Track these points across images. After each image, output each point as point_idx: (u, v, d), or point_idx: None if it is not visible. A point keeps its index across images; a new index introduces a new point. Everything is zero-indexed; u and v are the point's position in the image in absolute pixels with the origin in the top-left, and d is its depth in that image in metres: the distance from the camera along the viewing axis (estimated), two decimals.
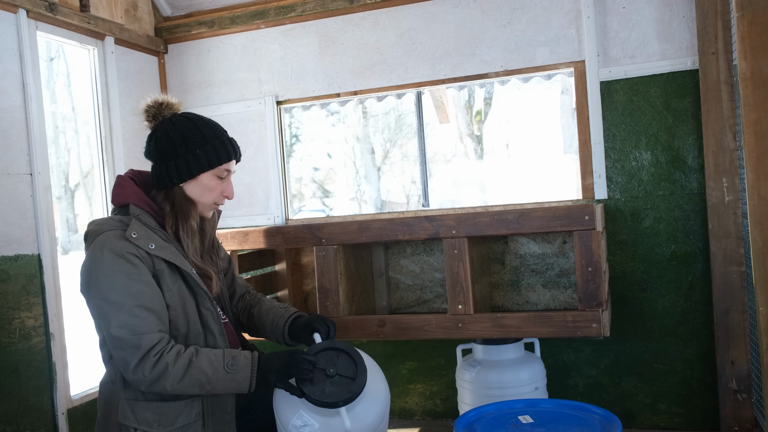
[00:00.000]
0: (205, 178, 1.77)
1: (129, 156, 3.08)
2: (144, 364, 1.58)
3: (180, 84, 3.38)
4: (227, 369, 1.64)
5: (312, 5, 3.09)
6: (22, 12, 2.55)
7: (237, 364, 1.66)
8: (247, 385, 1.66)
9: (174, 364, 1.60)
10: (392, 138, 7.07)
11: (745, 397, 2.57)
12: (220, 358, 1.65)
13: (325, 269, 2.35)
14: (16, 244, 2.48)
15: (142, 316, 1.61)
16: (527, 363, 2.49)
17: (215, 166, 1.77)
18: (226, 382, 1.64)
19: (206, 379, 1.62)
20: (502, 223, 2.17)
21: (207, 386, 1.64)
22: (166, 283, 1.69)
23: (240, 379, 1.65)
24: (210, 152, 1.76)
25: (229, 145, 1.81)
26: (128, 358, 1.59)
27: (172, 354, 1.62)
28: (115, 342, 1.60)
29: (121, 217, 1.73)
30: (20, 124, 2.55)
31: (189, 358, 1.63)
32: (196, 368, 1.62)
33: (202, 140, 1.76)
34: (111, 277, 1.61)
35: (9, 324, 2.43)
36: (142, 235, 1.67)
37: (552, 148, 6.37)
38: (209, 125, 1.80)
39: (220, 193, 1.81)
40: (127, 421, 1.66)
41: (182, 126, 1.77)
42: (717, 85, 2.55)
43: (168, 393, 1.63)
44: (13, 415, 2.42)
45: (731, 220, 2.56)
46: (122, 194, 1.76)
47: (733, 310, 2.57)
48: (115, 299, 1.60)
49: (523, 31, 2.85)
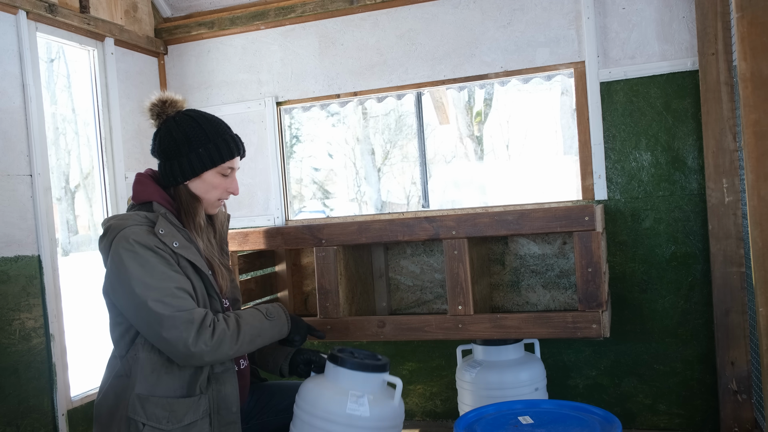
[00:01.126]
0: (209, 176, 1.79)
1: (129, 157, 3.08)
2: (202, 335, 1.61)
3: (180, 85, 3.38)
4: (268, 317, 1.80)
5: (312, 6, 3.09)
6: (21, 13, 2.55)
7: (273, 312, 1.82)
8: (287, 329, 1.86)
9: (228, 328, 1.68)
10: (392, 139, 7.07)
11: (745, 398, 2.57)
12: (257, 313, 1.79)
13: (325, 270, 2.35)
14: (16, 245, 2.48)
15: (184, 297, 1.64)
16: (527, 364, 2.48)
17: (218, 164, 1.79)
18: (271, 329, 1.79)
19: (257, 332, 1.75)
20: (502, 223, 2.17)
21: (258, 339, 1.76)
22: (191, 280, 1.72)
23: (281, 324, 1.83)
24: (212, 150, 1.77)
25: (232, 142, 1.82)
26: (184, 334, 1.59)
27: (221, 320, 1.69)
28: (166, 321, 1.60)
29: (146, 213, 1.74)
30: (20, 126, 2.55)
31: (236, 320, 1.72)
32: (247, 325, 1.73)
33: (205, 139, 1.77)
34: (146, 265, 1.62)
35: (9, 325, 2.43)
36: (168, 233, 1.70)
37: (552, 149, 6.37)
38: (212, 123, 1.82)
39: (224, 189, 1.84)
40: (136, 415, 1.66)
41: (185, 125, 1.78)
42: (717, 86, 2.55)
43: (226, 357, 1.69)
44: (13, 416, 2.42)
45: (731, 220, 2.56)
46: (145, 192, 1.78)
47: (733, 310, 2.57)
48: (156, 284, 1.61)
49: (523, 32, 2.85)
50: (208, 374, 1.73)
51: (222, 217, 1.97)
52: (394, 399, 1.81)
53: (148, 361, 1.70)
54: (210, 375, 1.74)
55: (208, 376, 1.73)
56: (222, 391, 1.74)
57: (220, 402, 1.75)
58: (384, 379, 1.83)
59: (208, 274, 1.76)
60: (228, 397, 1.75)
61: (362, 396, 1.74)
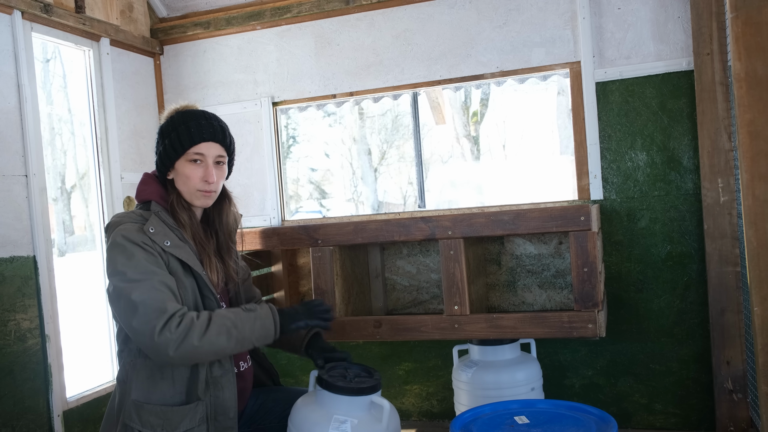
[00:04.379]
0: (179, 165, 1.77)
1: (125, 157, 3.08)
2: (170, 324, 1.58)
3: (176, 85, 3.38)
4: (246, 310, 1.71)
5: (308, 6, 3.09)
6: (17, 13, 2.55)
7: (254, 307, 1.73)
8: (272, 324, 1.73)
9: (197, 318, 1.62)
10: (389, 139, 7.07)
11: (740, 397, 2.58)
12: (237, 309, 1.72)
13: (321, 270, 2.35)
14: (11, 245, 2.47)
15: (164, 291, 1.62)
16: (523, 363, 2.49)
17: (181, 152, 1.75)
18: (250, 321, 1.69)
19: (231, 323, 1.65)
20: (498, 223, 2.17)
21: (234, 331, 1.65)
22: (180, 280, 1.71)
23: (263, 316, 1.72)
24: (174, 139, 1.76)
25: (195, 128, 1.75)
26: (154, 321, 1.57)
27: (193, 313, 1.64)
28: (139, 309, 1.58)
29: (142, 212, 1.77)
30: (15, 126, 2.54)
31: (209, 313, 1.66)
32: (218, 316, 1.66)
33: (171, 129, 1.78)
34: (132, 260, 1.64)
35: (4, 326, 2.43)
36: (159, 232, 1.70)
37: (548, 149, 6.38)
38: (184, 114, 1.79)
39: (200, 179, 1.77)
40: (132, 422, 1.66)
41: (164, 121, 1.82)
42: (712, 86, 2.56)
43: (194, 350, 1.59)
44: (8, 417, 2.41)
45: (726, 220, 2.57)
46: (145, 191, 1.81)
47: (729, 310, 2.58)
48: (138, 277, 1.62)
49: (519, 32, 2.86)
50: (206, 379, 1.71)
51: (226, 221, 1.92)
52: (382, 422, 1.73)
53: (144, 367, 1.69)
54: (208, 379, 1.71)
55: (206, 381, 1.70)
56: (220, 397, 1.72)
57: (217, 408, 1.73)
58: (372, 400, 1.75)
59: (202, 273, 1.74)
60: (226, 402, 1.73)
61: (345, 422, 1.69)
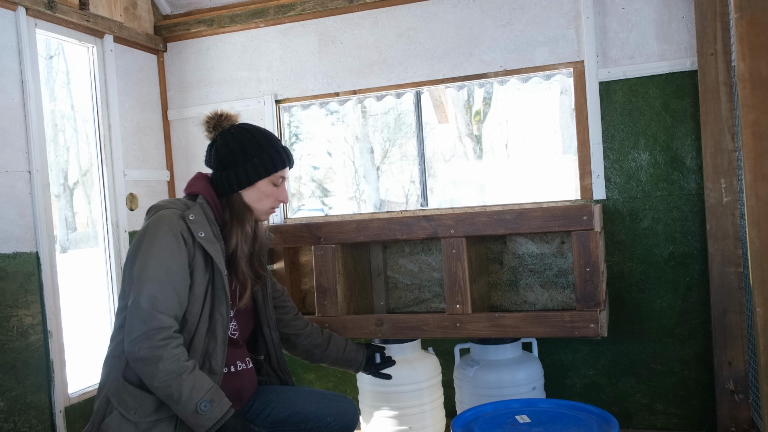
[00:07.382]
0: (262, 184, 1.89)
1: (127, 154, 3.08)
2: (145, 341, 1.62)
3: (179, 82, 3.38)
4: (199, 410, 1.62)
5: (311, 4, 3.09)
6: (21, 9, 2.55)
7: (209, 411, 1.63)
8: (204, 424, 1.64)
9: (165, 362, 1.61)
10: (391, 137, 7.07)
11: (742, 398, 2.58)
12: (202, 394, 1.63)
13: (323, 268, 2.35)
14: (14, 241, 2.48)
15: (168, 294, 1.67)
16: (525, 363, 2.49)
17: (271, 173, 1.89)
18: (188, 414, 1.63)
19: (177, 398, 1.62)
20: (500, 223, 2.17)
21: (173, 404, 1.64)
22: (198, 275, 1.76)
23: (201, 423, 1.63)
24: (266, 161, 1.88)
25: (284, 153, 1.93)
26: (136, 328, 1.64)
27: (173, 353, 1.63)
28: (135, 308, 1.66)
29: (187, 201, 1.85)
30: (19, 122, 2.54)
31: (180, 371, 1.62)
32: (178, 383, 1.62)
33: (259, 149, 1.88)
34: (156, 247, 1.69)
35: (7, 322, 2.43)
36: (198, 221, 1.77)
37: (551, 149, 6.37)
38: (265, 135, 1.93)
39: (275, 198, 1.93)
40: (112, 397, 1.71)
41: (241, 136, 1.89)
42: (716, 86, 2.55)
43: (141, 377, 1.66)
44: (10, 413, 2.42)
45: (729, 220, 2.56)
46: (195, 185, 1.90)
47: (731, 310, 2.57)
48: (152, 269, 1.67)
49: (523, 31, 2.85)
50: None
51: (263, 237, 2.02)
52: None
53: None
54: None
55: None
56: None
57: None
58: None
59: (224, 274, 1.79)
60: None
61: None
